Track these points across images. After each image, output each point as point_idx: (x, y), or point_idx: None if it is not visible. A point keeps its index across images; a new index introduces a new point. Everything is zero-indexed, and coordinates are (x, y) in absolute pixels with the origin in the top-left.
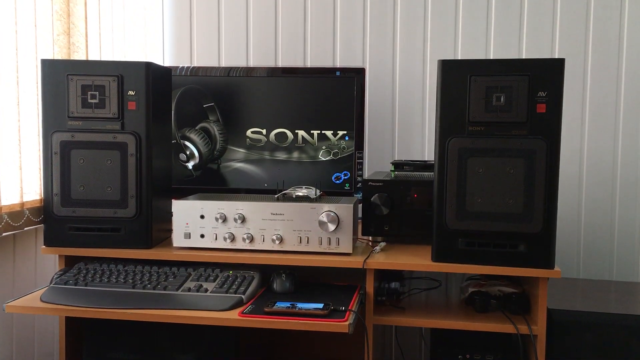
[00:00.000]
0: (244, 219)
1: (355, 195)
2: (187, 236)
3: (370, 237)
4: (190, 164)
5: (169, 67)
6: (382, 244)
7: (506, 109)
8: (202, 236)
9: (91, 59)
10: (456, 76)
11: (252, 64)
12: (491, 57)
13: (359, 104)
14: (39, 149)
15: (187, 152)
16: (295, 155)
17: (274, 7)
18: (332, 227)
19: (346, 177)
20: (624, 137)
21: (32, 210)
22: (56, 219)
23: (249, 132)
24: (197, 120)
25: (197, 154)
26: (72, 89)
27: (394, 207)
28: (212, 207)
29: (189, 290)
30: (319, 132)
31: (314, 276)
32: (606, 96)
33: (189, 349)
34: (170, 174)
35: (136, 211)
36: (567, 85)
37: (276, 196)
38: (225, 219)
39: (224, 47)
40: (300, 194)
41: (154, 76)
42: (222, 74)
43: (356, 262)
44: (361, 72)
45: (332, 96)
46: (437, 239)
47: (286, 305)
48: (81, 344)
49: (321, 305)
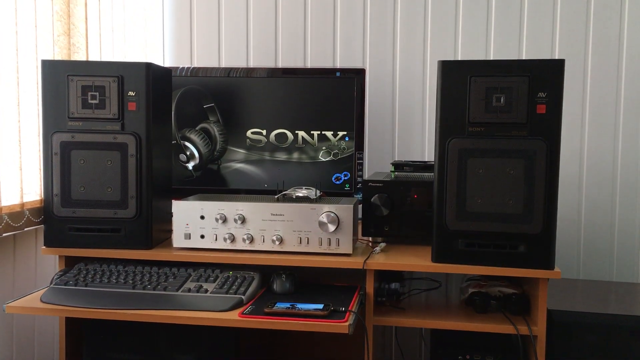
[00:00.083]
0: (244, 220)
1: (355, 195)
2: (187, 237)
3: (370, 238)
4: (190, 165)
5: (169, 67)
6: (382, 245)
7: (506, 110)
8: (202, 237)
9: (91, 59)
10: (456, 77)
11: (252, 65)
12: (491, 58)
13: (359, 104)
14: (39, 150)
15: (187, 153)
16: (295, 155)
17: (274, 8)
18: (332, 227)
19: (346, 178)
20: (624, 138)
21: (32, 210)
22: (56, 219)
23: (249, 133)
24: (197, 120)
25: (197, 154)
26: (72, 89)
27: (394, 207)
28: (212, 207)
29: (189, 290)
30: (319, 132)
31: (314, 277)
32: (606, 97)
33: (189, 349)
34: (170, 175)
35: (136, 212)
36: (567, 85)
37: (276, 197)
38: (225, 220)
39: (224, 48)
40: (300, 195)
41: (154, 77)
42: (222, 74)
43: (356, 262)
44: (361, 72)
45: (332, 97)
46: (437, 239)
47: (286, 305)
48: (81, 345)
49: (321, 305)
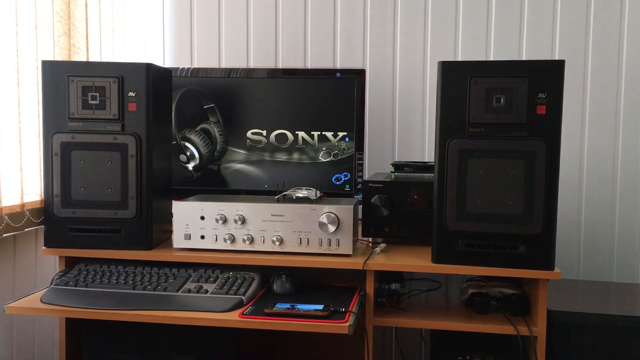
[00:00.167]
0: (244, 220)
1: (355, 196)
2: (188, 237)
3: (370, 239)
4: (190, 165)
5: (170, 68)
6: (382, 245)
7: (506, 111)
8: (203, 237)
9: (92, 60)
10: (456, 78)
11: (252, 65)
12: (491, 59)
13: (359, 105)
14: (40, 150)
15: (188, 153)
16: (295, 156)
17: (274, 8)
18: (332, 228)
19: (346, 179)
20: (624, 139)
21: (32, 211)
22: (56, 220)
23: (249, 133)
24: (197, 121)
25: (197, 155)
26: (72, 90)
27: (394, 208)
28: (213, 208)
29: (189, 291)
30: (319, 133)
31: (314, 277)
32: (606, 97)
33: (189, 350)
34: (170, 175)
35: (136, 212)
36: (567, 86)
37: (276, 197)
38: (225, 220)
39: (224, 48)
40: (300, 195)
41: (154, 77)
42: (222, 75)
43: (356, 263)
44: (361, 73)
45: (333, 97)
46: (437, 240)
47: (286, 306)
48: (81, 345)
49: (321, 306)
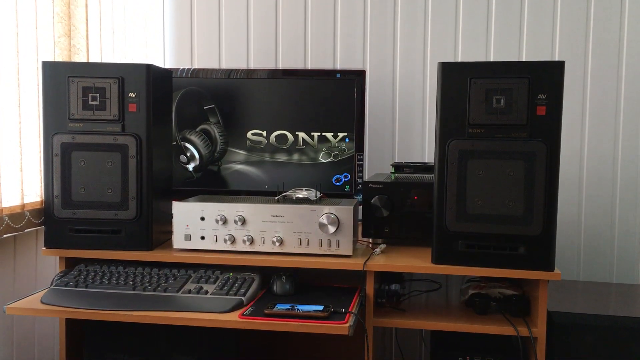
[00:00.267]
0: (244, 221)
1: (355, 197)
2: (188, 238)
3: (370, 239)
4: (190, 166)
5: (170, 69)
6: (382, 246)
7: (506, 112)
8: (203, 238)
9: (92, 60)
10: (456, 78)
11: (252, 66)
12: (491, 60)
13: (359, 105)
14: (40, 151)
15: (188, 154)
16: (295, 157)
17: (274, 9)
18: (332, 229)
19: (346, 179)
20: (624, 139)
21: (32, 212)
22: (57, 220)
23: (249, 134)
24: (197, 122)
25: (197, 155)
26: (72, 91)
27: (394, 209)
28: (213, 209)
29: (189, 292)
30: (320, 134)
31: (314, 278)
32: (606, 98)
33: (190, 350)
34: (170, 176)
35: (137, 213)
36: (567, 87)
37: (276, 198)
38: (225, 221)
39: (224, 49)
40: (300, 196)
41: (154, 78)
42: (222, 75)
43: (356, 264)
44: (361, 74)
45: (333, 98)
46: (437, 241)
47: (286, 307)
48: (81, 346)
49: (321, 307)
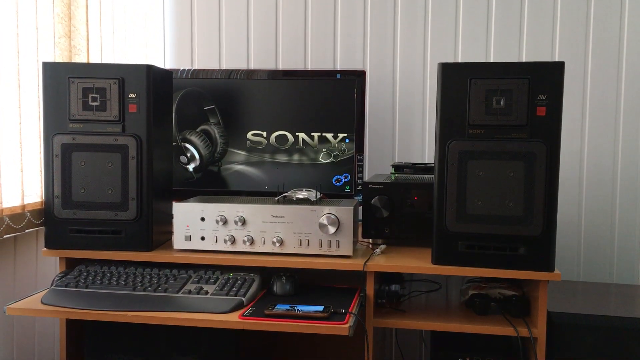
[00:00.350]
0: (244, 222)
1: (355, 197)
2: (188, 238)
3: (370, 240)
4: (190, 166)
5: (170, 69)
6: (382, 247)
7: (506, 112)
8: (203, 238)
9: (92, 61)
10: (456, 79)
11: (252, 67)
12: (491, 60)
13: (359, 106)
14: (40, 152)
15: (188, 155)
16: (295, 157)
17: (274, 10)
18: (332, 229)
19: (346, 180)
20: (624, 140)
21: (33, 212)
22: (57, 221)
23: (249, 135)
24: (197, 122)
25: (197, 156)
26: (73, 91)
27: (394, 209)
28: (213, 209)
29: (190, 292)
30: (320, 134)
31: (314, 279)
32: (606, 99)
33: (190, 351)
34: (170, 177)
35: (137, 213)
36: (567, 88)
37: (276, 199)
38: (225, 222)
39: (224, 50)
40: (300, 197)
41: (154, 79)
42: (222, 76)
43: (356, 264)
44: (362, 74)
45: (333, 99)
46: (437, 241)
47: (286, 307)
48: (82, 346)
49: (321, 307)
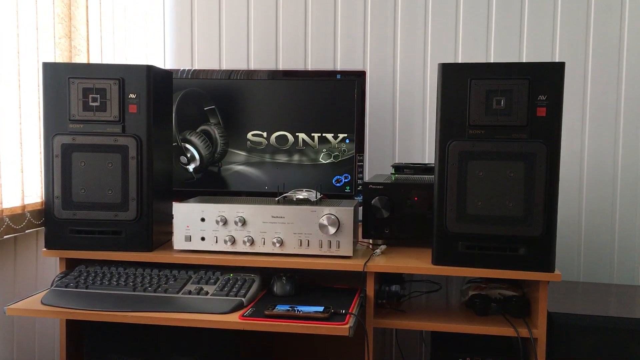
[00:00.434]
0: (244, 222)
1: (355, 198)
2: (188, 239)
3: (370, 240)
4: (191, 167)
5: (170, 70)
6: (383, 247)
7: (506, 113)
8: (203, 239)
9: (92, 62)
10: (456, 79)
11: (252, 67)
12: (491, 61)
13: (359, 106)
14: (40, 152)
15: (188, 155)
16: (295, 158)
17: (274, 10)
18: (332, 230)
19: (347, 180)
20: (625, 141)
21: (33, 212)
22: (57, 221)
23: (249, 135)
24: (197, 123)
25: (197, 156)
26: (73, 92)
27: (395, 210)
28: (213, 209)
29: (190, 293)
30: (320, 135)
31: (314, 279)
32: (606, 99)
33: (190, 351)
34: (171, 177)
35: (137, 214)
36: (567, 88)
37: (277, 199)
38: (225, 222)
39: (224, 50)
40: (300, 197)
41: (154, 79)
42: (222, 76)
43: (356, 265)
44: (362, 75)
45: (333, 99)
46: (438, 242)
47: (286, 308)
48: (82, 347)
49: (321, 308)
